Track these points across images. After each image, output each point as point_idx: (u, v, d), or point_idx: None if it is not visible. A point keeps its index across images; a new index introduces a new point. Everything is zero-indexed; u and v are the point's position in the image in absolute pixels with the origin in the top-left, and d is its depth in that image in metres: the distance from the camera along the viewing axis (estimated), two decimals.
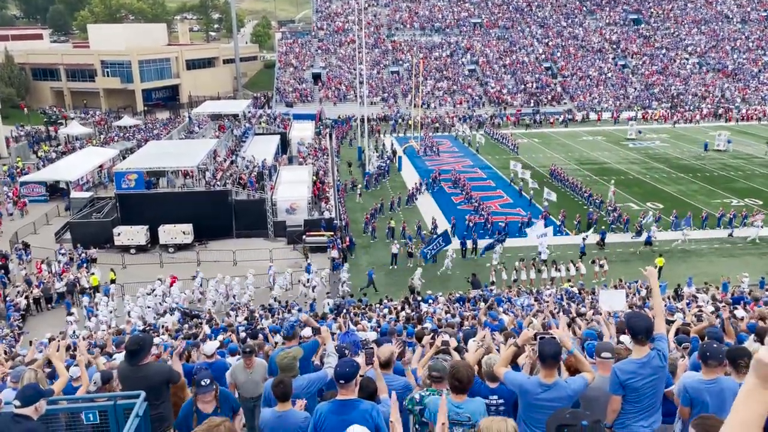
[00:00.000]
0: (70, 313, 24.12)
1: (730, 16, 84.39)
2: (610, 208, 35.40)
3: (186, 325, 19.20)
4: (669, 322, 8.86)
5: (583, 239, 30.56)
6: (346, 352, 6.26)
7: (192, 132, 49.33)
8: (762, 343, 7.04)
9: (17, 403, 4.62)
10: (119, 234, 31.88)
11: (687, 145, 53.78)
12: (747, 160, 47.95)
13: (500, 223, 32.81)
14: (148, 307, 24.35)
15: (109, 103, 74.54)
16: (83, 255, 30.28)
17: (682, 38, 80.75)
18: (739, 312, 10.40)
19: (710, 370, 5.10)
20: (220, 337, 12.70)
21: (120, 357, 8.12)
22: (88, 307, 24.99)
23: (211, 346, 8.03)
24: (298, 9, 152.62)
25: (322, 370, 6.44)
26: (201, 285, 27.22)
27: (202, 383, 5.46)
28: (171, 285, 26.61)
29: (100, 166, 44.99)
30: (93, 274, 28.16)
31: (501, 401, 5.44)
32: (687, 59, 77.23)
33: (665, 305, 14.78)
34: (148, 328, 20.23)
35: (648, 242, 31.30)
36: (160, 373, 5.82)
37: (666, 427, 5.73)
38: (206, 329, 16.81)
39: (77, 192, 38.83)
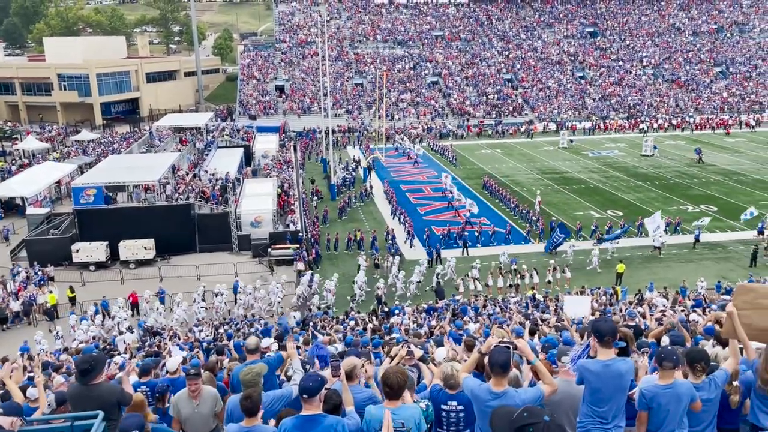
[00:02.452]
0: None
1: (682, 29, 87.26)
2: (533, 218, 35.84)
3: (147, 343, 18.78)
4: (630, 327, 9.03)
5: (698, 228, 32.28)
6: (317, 365, 6.20)
7: (153, 146, 48.56)
8: (723, 347, 7.20)
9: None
10: (78, 251, 31.10)
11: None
12: (702, 168, 49.42)
13: (424, 236, 33.14)
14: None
15: (67, 117, 72.89)
16: (40, 273, 29.40)
17: (637, 50, 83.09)
18: (696, 316, 10.68)
19: (666, 373, 5.21)
20: (183, 354, 12.45)
21: None
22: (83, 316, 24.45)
23: (173, 362, 7.82)
24: (261, 22, 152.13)
25: (287, 387, 6.35)
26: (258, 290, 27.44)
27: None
28: (132, 302, 26.04)
29: (58, 182, 43.87)
30: (51, 292, 27.36)
31: (460, 407, 5.44)
32: (642, 70, 79.47)
33: (626, 310, 15.08)
34: (107, 346, 19.72)
35: (696, 239, 32.76)
36: (111, 393, 5.66)
37: (631, 430, 5.82)
38: (170, 346, 16.48)
39: (34, 208, 37.77)
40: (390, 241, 33.08)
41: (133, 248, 31.56)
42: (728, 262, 31.01)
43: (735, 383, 5.60)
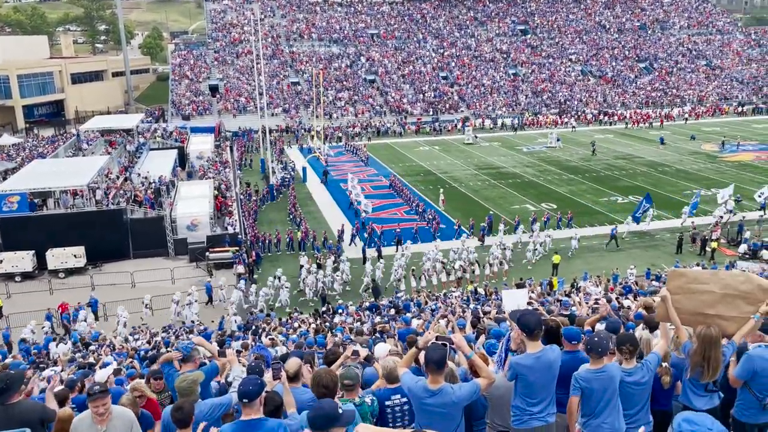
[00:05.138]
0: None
1: (608, 27, 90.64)
2: (429, 216, 36.09)
3: (79, 354, 18.00)
4: (565, 316, 9.26)
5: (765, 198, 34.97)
6: (263, 367, 6.04)
7: (80, 149, 46.62)
8: (651, 332, 7.48)
9: None
10: (1, 261, 29.50)
11: (575, 147, 56.95)
12: (629, 160, 51.50)
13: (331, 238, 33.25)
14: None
15: None
16: None
17: (566, 47, 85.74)
18: (627, 302, 11.07)
19: (596, 360, 5.38)
20: (114, 365, 11.98)
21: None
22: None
23: (103, 374, 7.47)
24: (191, 20, 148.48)
25: (227, 394, 6.18)
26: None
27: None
28: (62, 312, 24.91)
29: None
30: None
31: (404, 400, 5.43)
32: (571, 67, 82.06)
33: (562, 300, 15.49)
34: (38, 359, 18.80)
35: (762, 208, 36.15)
36: (31, 411, 5.34)
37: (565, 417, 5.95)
38: (105, 357, 15.86)
39: None
40: (335, 240, 32.97)
41: (62, 257, 30.22)
42: (656, 249, 32.44)
43: (665, 364, 5.81)
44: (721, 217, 34.32)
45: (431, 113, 70.55)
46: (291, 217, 37.69)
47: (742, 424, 5.72)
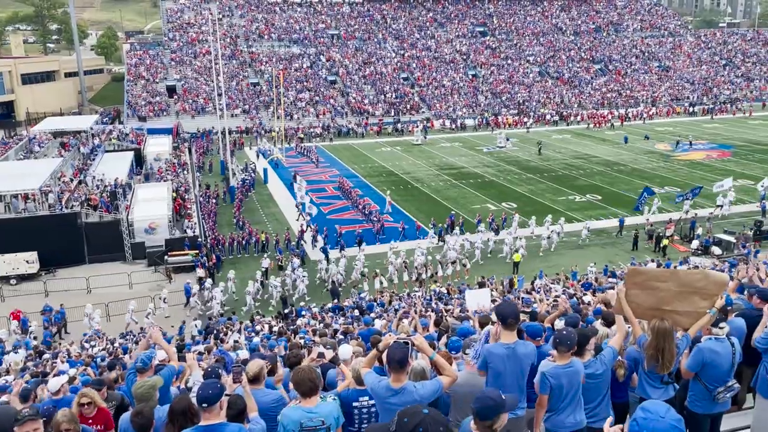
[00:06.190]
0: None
1: (564, 29, 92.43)
2: (374, 219, 36.04)
3: (32, 363, 17.44)
4: (526, 313, 9.39)
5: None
6: (220, 371, 5.95)
7: (32, 152, 45.19)
8: (608, 327, 7.64)
9: None
10: None
11: (533, 147, 57.78)
12: (586, 160, 52.57)
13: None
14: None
15: None
16: None
17: (524, 49, 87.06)
18: (587, 297, 11.30)
19: (562, 355, 5.46)
20: (72, 371, 11.63)
21: None
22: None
23: (56, 383, 7.21)
24: (147, 19, 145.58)
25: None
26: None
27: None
28: (14, 320, 24.09)
29: None
30: None
31: (372, 402, 5.42)
32: (529, 68, 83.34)
33: (522, 298, 15.71)
34: None
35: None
36: (5, 417, 5.17)
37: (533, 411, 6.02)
38: (59, 365, 15.40)
39: None
40: (291, 242, 32.73)
41: (13, 262, 29.26)
42: (613, 247, 33.18)
43: (618, 357, 5.95)
44: (720, 206, 36.74)
45: (392, 114, 70.69)
46: (235, 220, 37.12)
47: (695, 414, 5.89)
